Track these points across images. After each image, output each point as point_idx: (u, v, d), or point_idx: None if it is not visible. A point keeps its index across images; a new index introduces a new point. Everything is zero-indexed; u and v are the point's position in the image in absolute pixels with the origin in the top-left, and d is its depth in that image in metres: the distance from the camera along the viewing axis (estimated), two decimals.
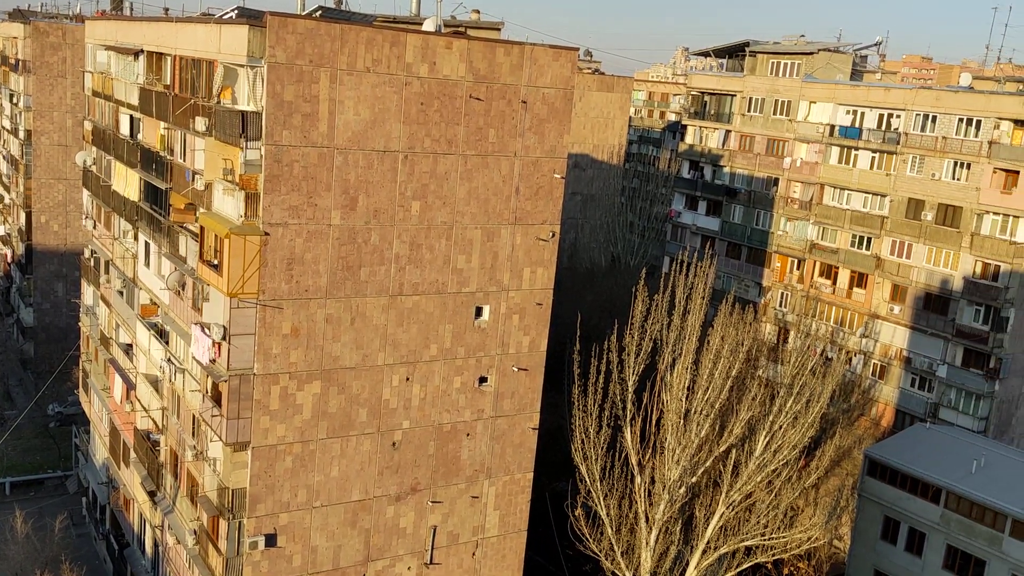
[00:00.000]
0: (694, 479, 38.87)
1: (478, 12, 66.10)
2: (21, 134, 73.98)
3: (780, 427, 38.88)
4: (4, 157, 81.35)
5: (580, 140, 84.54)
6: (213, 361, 32.49)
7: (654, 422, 38.58)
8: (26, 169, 73.55)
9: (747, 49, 69.66)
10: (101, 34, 46.93)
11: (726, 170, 70.62)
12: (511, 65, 34.49)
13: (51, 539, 45.25)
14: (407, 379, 35.28)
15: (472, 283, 35.94)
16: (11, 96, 77.26)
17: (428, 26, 35.63)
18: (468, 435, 37.30)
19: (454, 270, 35.36)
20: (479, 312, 36.49)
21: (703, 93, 73.22)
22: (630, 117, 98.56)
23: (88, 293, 52.79)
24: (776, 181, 66.50)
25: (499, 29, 38.89)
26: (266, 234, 30.95)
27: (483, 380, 37.25)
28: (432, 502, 36.86)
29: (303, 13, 36.37)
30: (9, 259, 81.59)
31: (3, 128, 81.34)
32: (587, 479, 39.38)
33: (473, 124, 34.22)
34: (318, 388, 33.31)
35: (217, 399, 32.87)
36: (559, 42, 36.02)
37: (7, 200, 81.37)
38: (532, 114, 35.50)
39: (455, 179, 34.42)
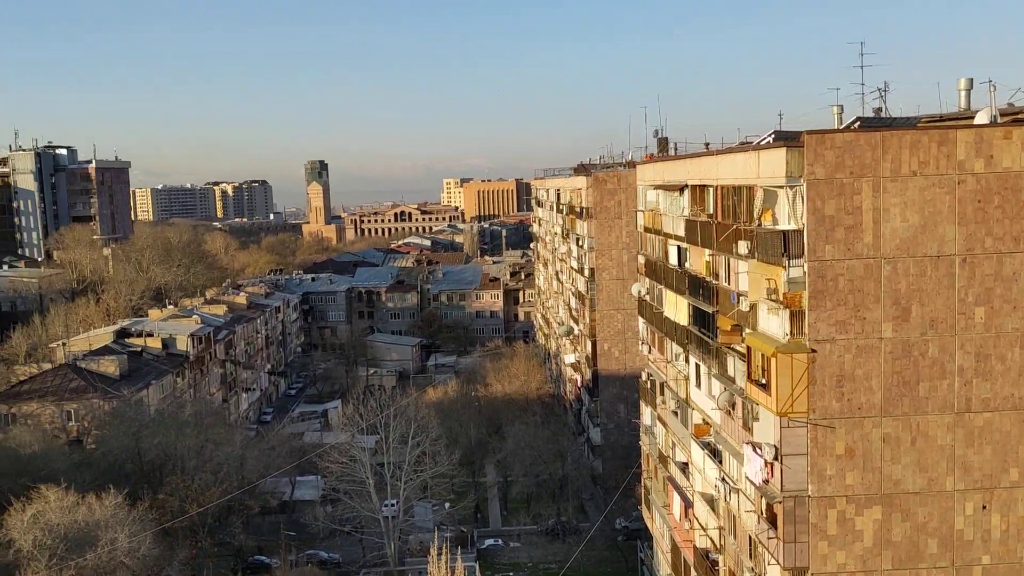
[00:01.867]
0: None
1: None
2: (586, 272, 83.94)
3: None
4: (573, 293, 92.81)
5: None
6: (766, 481, 32.44)
7: None
8: (591, 302, 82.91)
9: None
10: (650, 176, 51.80)
11: None
12: None
13: None
14: (983, 507, 31.38)
15: None
16: (577, 240, 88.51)
17: (981, 118, 32.94)
18: None
19: None
20: None
21: None
22: None
23: (646, 414, 56.77)
24: None
25: None
26: (813, 351, 30.55)
27: None
28: None
29: (840, 127, 36.20)
30: (579, 384, 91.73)
31: (572, 268, 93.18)
32: None
33: None
34: (878, 514, 31.22)
35: (772, 521, 32.57)
36: None
37: (576, 331, 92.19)
38: None
39: None
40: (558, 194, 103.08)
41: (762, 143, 35.41)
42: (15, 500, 49.59)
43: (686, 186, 43.46)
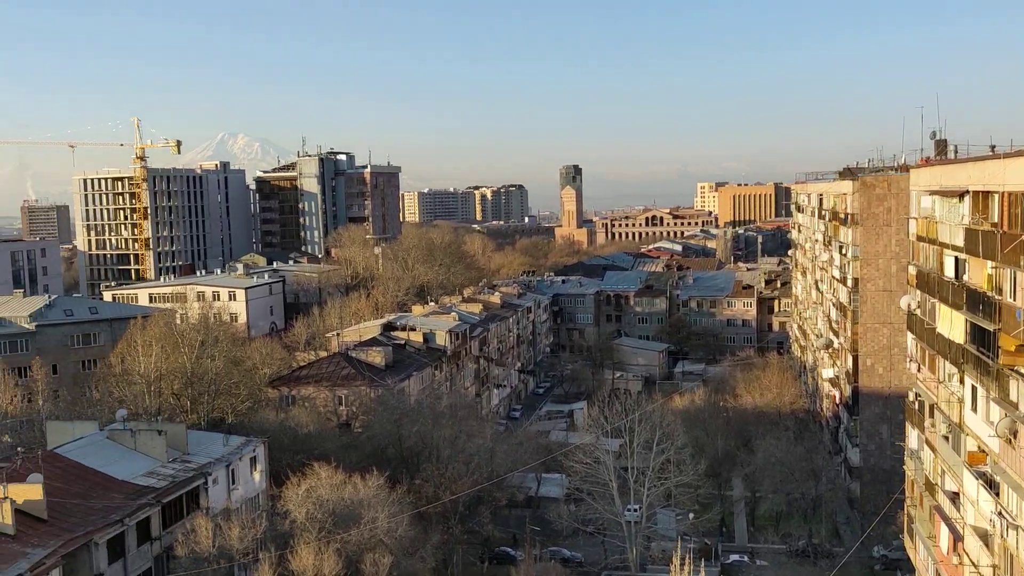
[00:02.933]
0: None
1: None
2: (849, 282, 79.56)
3: None
4: (833, 304, 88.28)
5: None
6: None
7: None
8: (853, 315, 78.47)
9: None
10: (925, 180, 48.26)
11: None
12: None
13: None
14: None
15: None
16: (840, 247, 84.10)
17: None
18: None
19: None
20: None
21: None
22: None
23: (912, 436, 52.91)
24: None
25: None
26: None
27: None
28: None
29: None
30: (837, 400, 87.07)
31: (833, 277, 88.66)
32: None
33: None
34: None
35: None
36: None
37: (836, 344, 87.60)
38: None
39: None
40: (820, 199, 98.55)
41: None
42: (292, 475, 54.65)
43: (967, 192, 40.10)
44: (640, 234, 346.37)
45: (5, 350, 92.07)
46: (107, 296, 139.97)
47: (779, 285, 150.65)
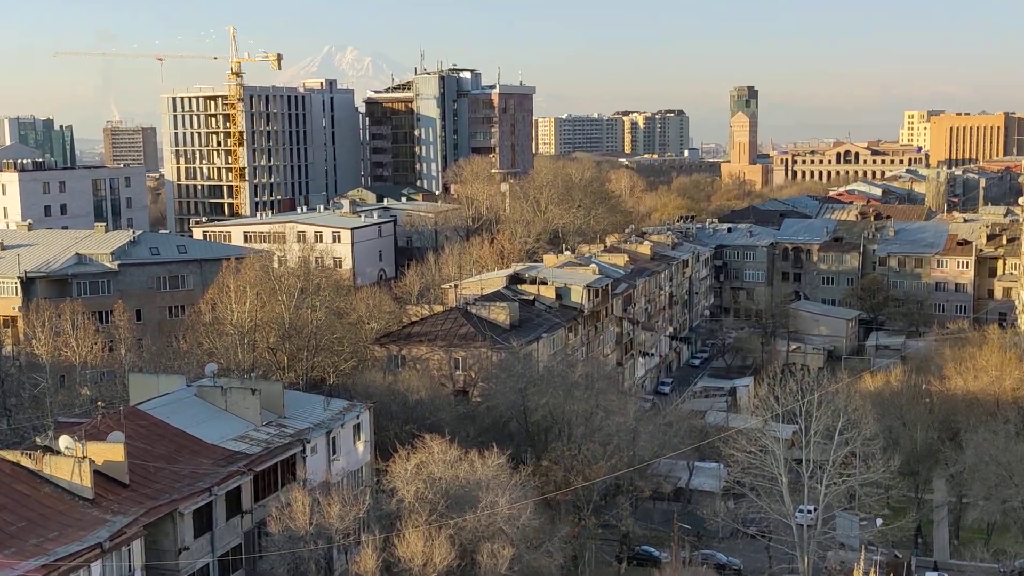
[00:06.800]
0: None
1: None
2: None
3: None
4: None
5: None
6: None
7: None
8: None
9: None
10: None
11: None
12: None
13: None
14: None
15: None
16: None
17: None
18: None
19: None
20: None
21: None
22: None
23: None
24: None
25: None
26: None
27: None
28: None
29: None
30: None
31: None
32: None
33: None
34: None
35: None
36: None
37: None
38: None
39: None
40: None
41: None
42: (400, 447, 56.30)
43: None
44: (829, 173, 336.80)
45: (85, 291, 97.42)
46: (197, 233, 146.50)
47: (1005, 242, 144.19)
